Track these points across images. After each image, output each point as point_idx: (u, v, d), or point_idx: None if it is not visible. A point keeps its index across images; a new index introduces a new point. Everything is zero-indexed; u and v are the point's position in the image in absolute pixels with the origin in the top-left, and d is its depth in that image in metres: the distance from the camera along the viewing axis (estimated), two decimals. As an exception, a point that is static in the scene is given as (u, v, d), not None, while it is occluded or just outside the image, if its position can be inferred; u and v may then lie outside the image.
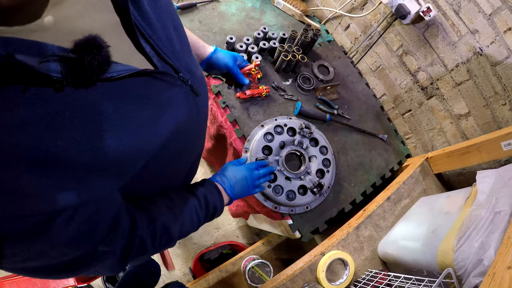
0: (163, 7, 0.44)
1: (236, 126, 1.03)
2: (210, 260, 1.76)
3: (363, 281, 0.84)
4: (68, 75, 0.29)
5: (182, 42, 0.49)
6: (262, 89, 1.07)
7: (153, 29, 0.41)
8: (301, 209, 0.98)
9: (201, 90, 0.53)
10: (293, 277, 0.83)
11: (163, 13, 0.44)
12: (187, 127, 0.51)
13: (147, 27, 0.40)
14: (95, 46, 0.30)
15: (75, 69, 0.29)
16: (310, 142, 1.04)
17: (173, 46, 0.45)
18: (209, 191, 0.63)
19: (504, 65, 0.92)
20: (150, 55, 0.40)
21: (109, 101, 0.34)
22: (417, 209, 1.00)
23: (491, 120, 1.01)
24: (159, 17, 0.43)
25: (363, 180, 1.12)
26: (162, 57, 0.42)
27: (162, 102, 0.42)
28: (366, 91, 1.33)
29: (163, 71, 0.41)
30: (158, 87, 0.41)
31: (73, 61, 0.29)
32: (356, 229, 0.93)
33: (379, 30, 1.24)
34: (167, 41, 0.44)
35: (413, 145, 1.31)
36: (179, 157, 0.56)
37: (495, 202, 0.74)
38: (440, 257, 0.73)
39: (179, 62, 0.46)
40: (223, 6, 1.29)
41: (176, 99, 0.45)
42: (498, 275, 0.54)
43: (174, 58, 0.45)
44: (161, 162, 0.49)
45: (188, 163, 0.64)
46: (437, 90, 1.14)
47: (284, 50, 1.11)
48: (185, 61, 0.48)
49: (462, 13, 0.96)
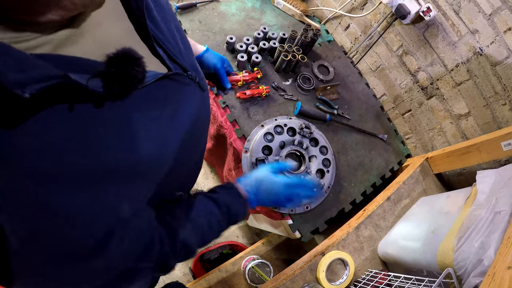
0: (165, 8, 0.45)
1: (236, 126, 1.03)
2: (210, 260, 1.76)
3: (363, 281, 0.83)
4: (109, 89, 0.30)
5: (184, 42, 0.50)
6: (262, 89, 1.07)
7: (161, 32, 0.42)
8: (301, 209, 0.98)
9: (205, 85, 0.54)
10: (293, 277, 0.83)
11: (167, 15, 0.45)
12: (199, 122, 0.51)
13: (157, 31, 0.41)
14: (133, 58, 0.31)
15: (116, 82, 0.30)
16: (310, 142, 1.04)
17: (179, 47, 0.46)
18: (232, 199, 0.56)
19: (504, 65, 0.92)
20: (164, 58, 0.42)
21: (138, 108, 0.35)
22: (417, 209, 1.00)
23: (491, 120, 1.01)
24: (164, 19, 0.44)
25: (363, 180, 1.12)
26: (173, 59, 0.44)
27: (178, 101, 0.43)
28: (366, 91, 1.33)
29: (177, 72, 0.42)
30: (173, 88, 0.42)
31: (113, 75, 0.30)
32: (356, 229, 0.93)
33: (379, 30, 1.24)
34: (174, 42, 0.45)
35: (413, 145, 1.31)
36: (195, 152, 0.56)
37: (495, 202, 0.74)
38: (440, 257, 0.73)
39: (186, 61, 0.47)
40: (223, 6, 1.29)
41: (188, 97, 0.47)
42: (498, 275, 0.54)
43: (182, 58, 0.46)
44: (182, 159, 0.49)
45: (200, 158, 0.63)
46: (437, 90, 1.14)
47: (284, 50, 1.11)
48: (190, 59, 0.49)
49: (462, 13, 0.96)
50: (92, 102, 0.30)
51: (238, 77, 0.87)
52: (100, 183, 0.31)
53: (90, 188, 0.30)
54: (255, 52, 1.14)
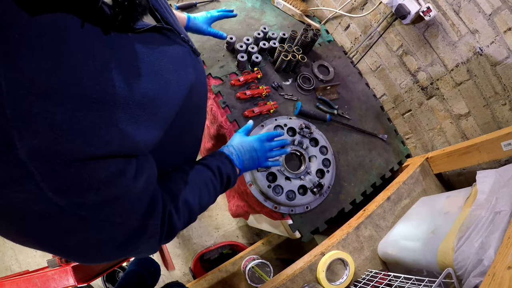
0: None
1: (236, 126, 1.03)
2: (210, 260, 1.76)
3: (363, 281, 0.84)
4: (116, 12, 0.33)
5: (172, 12, 0.55)
6: (262, 89, 1.07)
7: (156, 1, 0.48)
8: (301, 209, 0.98)
9: (197, 51, 0.59)
10: (293, 277, 0.83)
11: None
12: (197, 87, 0.54)
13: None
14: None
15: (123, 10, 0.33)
16: (310, 142, 1.04)
17: (169, 14, 0.51)
18: (220, 161, 0.62)
19: (504, 65, 0.92)
20: (159, 18, 0.47)
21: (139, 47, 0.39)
22: (417, 209, 1.00)
23: (491, 120, 1.01)
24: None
25: (363, 180, 1.12)
26: (166, 22, 0.48)
27: (175, 57, 0.47)
28: (366, 91, 1.33)
29: (171, 29, 0.47)
30: (168, 43, 0.46)
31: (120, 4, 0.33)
32: (356, 229, 0.93)
33: (379, 30, 1.24)
34: (164, 9, 0.50)
35: (413, 145, 1.31)
36: (195, 120, 0.59)
37: (495, 202, 0.74)
38: (440, 257, 0.73)
39: (178, 27, 0.52)
40: (223, 6, 1.29)
41: (184, 56, 0.50)
42: (498, 275, 0.54)
43: (174, 23, 0.51)
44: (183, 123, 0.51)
45: (200, 131, 0.66)
46: (437, 90, 1.14)
47: (284, 50, 1.11)
48: (180, 27, 0.54)
49: (462, 13, 0.96)
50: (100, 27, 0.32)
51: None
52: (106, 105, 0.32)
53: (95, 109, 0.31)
54: (255, 52, 1.14)
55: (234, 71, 1.12)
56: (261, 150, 0.73)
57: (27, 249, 1.69)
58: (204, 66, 1.11)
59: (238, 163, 0.67)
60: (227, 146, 0.70)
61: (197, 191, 0.54)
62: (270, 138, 0.77)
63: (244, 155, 0.69)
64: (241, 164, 0.68)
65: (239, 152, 0.68)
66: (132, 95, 0.35)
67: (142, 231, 0.39)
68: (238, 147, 0.69)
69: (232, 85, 1.08)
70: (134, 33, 0.38)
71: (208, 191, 0.57)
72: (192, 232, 1.82)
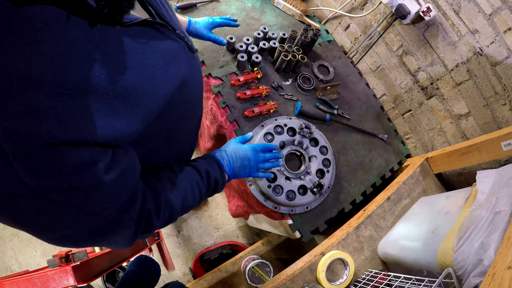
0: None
1: (236, 126, 1.03)
2: (210, 260, 1.76)
3: (363, 281, 0.84)
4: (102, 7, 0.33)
5: (170, 9, 0.55)
6: (262, 89, 1.07)
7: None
8: (301, 209, 0.98)
9: (194, 48, 0.58)
10: (293, 277, 0.83)
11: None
12: (191, 83, 0.54)
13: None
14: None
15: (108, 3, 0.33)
16: (310, 142, 1.04)
17: (166, 10, 0.51)
18: (210, 165, 0.63)
19: (504, 65, 0.92)
20: (153, 13, 0.47)
21: (127, 40, 0.39)
22: (417, 209, 1.00)
23: (491, 120, 1.01)
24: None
25: (363, 180, 1.12)
26: (161, 17, 0.48)
27: (166, 52, 0.46)
28: (366, 91, 1.33)
29: (163, 24, 0.47)
30: (160, 38, 0.46)
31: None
32: (356, 229, 0.93)
33: (379, 30, 1.24)
34: (160, 4, 0.50)
35: (413, 145, 1.31)
36: (187, 116, 0.59)
37: (495, 202, 0.74)
38: (440, 257, 0.73)
39: (175, 24, 0.52)
40: (223, 6, 1.29)
41: (177, 52, 0.50)
42: (498, 275, 0.54)
43: (170, 19, 0.51)
44: (173, 118, 0.51)
45: (194, 128, 0.66)
46: (437, 90, 1.14)
47: (284, 50, 1.11)
48: (176, 23, 0.54)
49: (462, 13, 0.96)
50: (86, 19, 0.33)
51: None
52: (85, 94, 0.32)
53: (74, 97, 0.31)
54: (255, 52, 1.14)
55: (234, 71, 1.12)
56: (254, 159, 0.73)
57: (27, 249, 1.69)
58: (203, 66, 1.11)
59: (228, 169, 0.67)
60: (219, 150, 0.70)
61: (182, 193, 0.54)
62: (265, 149, 0.78)
63: (236, 162, 0.69)
64: (231, 171, 0.68)
65: (231, 159, 0.68)
66: (113, 86, 0.35)
67: (117, 225, 0.40)
68: (230, 154, 0.69)
69: (232, 85, 1.08)
70: (122, 26, 0.38)
71: (193, 194, 0.57)
72: (192, 232, 1.82)
